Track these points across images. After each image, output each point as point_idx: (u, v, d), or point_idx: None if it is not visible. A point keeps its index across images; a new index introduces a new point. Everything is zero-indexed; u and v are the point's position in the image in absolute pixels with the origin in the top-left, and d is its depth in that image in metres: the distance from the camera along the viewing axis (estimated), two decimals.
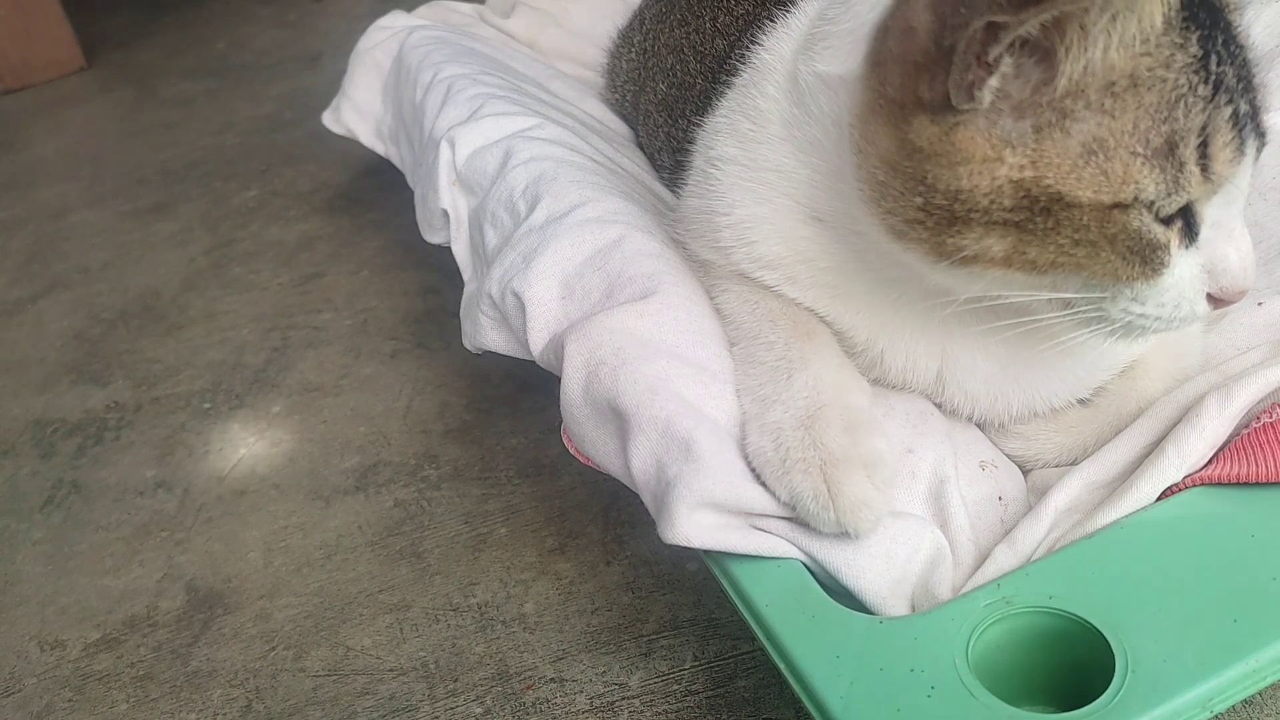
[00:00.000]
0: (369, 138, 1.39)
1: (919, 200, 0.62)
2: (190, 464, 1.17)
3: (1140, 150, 0.58)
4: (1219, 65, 0.59)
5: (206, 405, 1.26)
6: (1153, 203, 0.59)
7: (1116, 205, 0.59)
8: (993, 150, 0.59)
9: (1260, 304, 0.88)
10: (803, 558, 0.70)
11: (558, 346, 0.78)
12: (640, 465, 0.72)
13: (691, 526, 0.68)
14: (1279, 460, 0.68)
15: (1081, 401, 0.81)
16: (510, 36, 1.47)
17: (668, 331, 0.77)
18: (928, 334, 0.76)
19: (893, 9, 0.61)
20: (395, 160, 1.33)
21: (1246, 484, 0.68)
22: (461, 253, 1.03)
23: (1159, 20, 0.57)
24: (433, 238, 1.08)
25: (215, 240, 1.65)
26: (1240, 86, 0.60)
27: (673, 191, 1.06)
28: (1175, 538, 0.67)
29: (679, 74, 1.10)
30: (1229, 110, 0.59)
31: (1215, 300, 0.65)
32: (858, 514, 0.67)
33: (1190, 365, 0.81)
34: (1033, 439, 0.80)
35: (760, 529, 0.71)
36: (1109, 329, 0.65)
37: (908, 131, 0.61)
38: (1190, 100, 0.58)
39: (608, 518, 0.99)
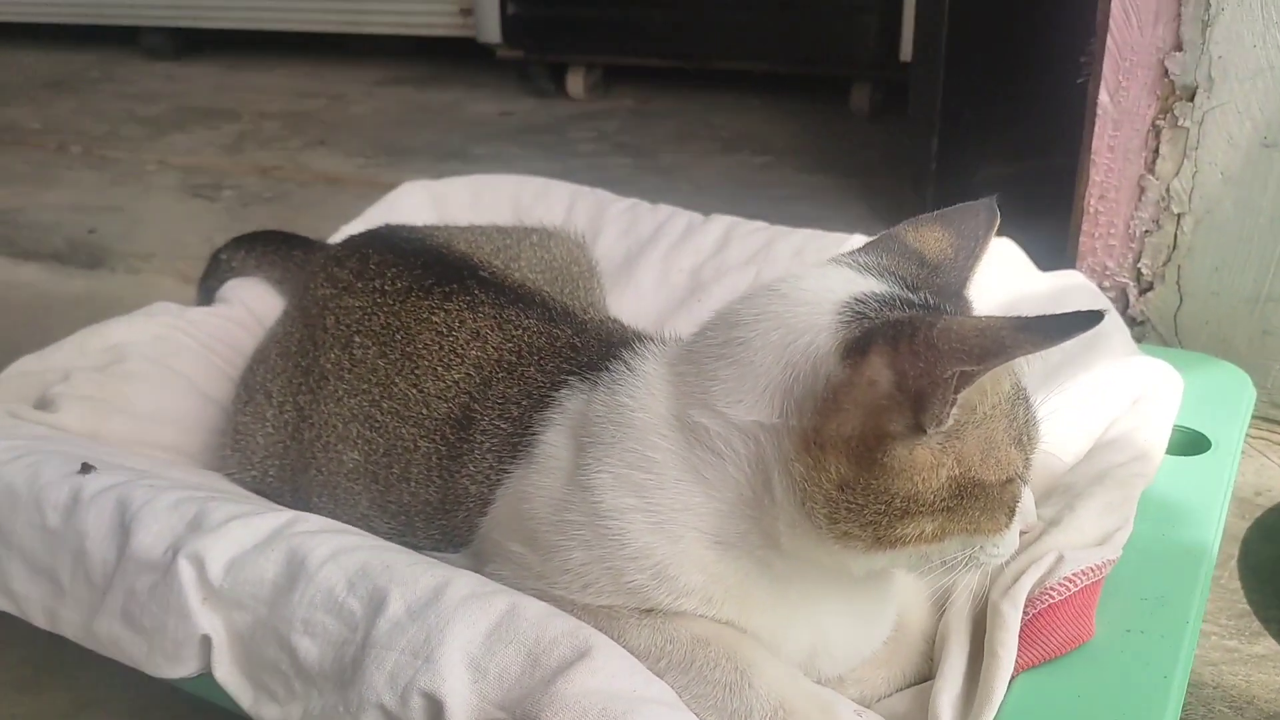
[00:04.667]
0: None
1: (879, 508, 0.78)
2: None
3: (1010, 441, 0.81)
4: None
5: None
6: (1020, 474, 0.82)
7: (1008, 480, 0.81)
8: (936, 460, 0.78)
9: None
10: None
11: None
12: None
13: None
14: (1057, 639, 0.93)
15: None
16: (63, 431, 1.29)
17: (622, 681, 0.80)
18: (809, 618, 0.89)
19: (845, 371, 0.77)
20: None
21: (1043, 663, 0.93)
22: (230, 677, 0.91)
23: (1015, 369, 0.82)
24: (176, 670, 0.93)
25: None
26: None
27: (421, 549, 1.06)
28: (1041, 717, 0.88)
29: (380, 442, 1.11)
30: (1028, 404, 0.85)
31: (1021, 533, 0.89)
32: None
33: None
34: (865, 680, 0.97)
35: None
36: (972, 569, 0.86)
37: (878, 457, 0.77)
38: (1021, 405, 0.83)
39: None
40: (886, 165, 2.76)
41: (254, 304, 1.54)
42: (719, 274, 1.61)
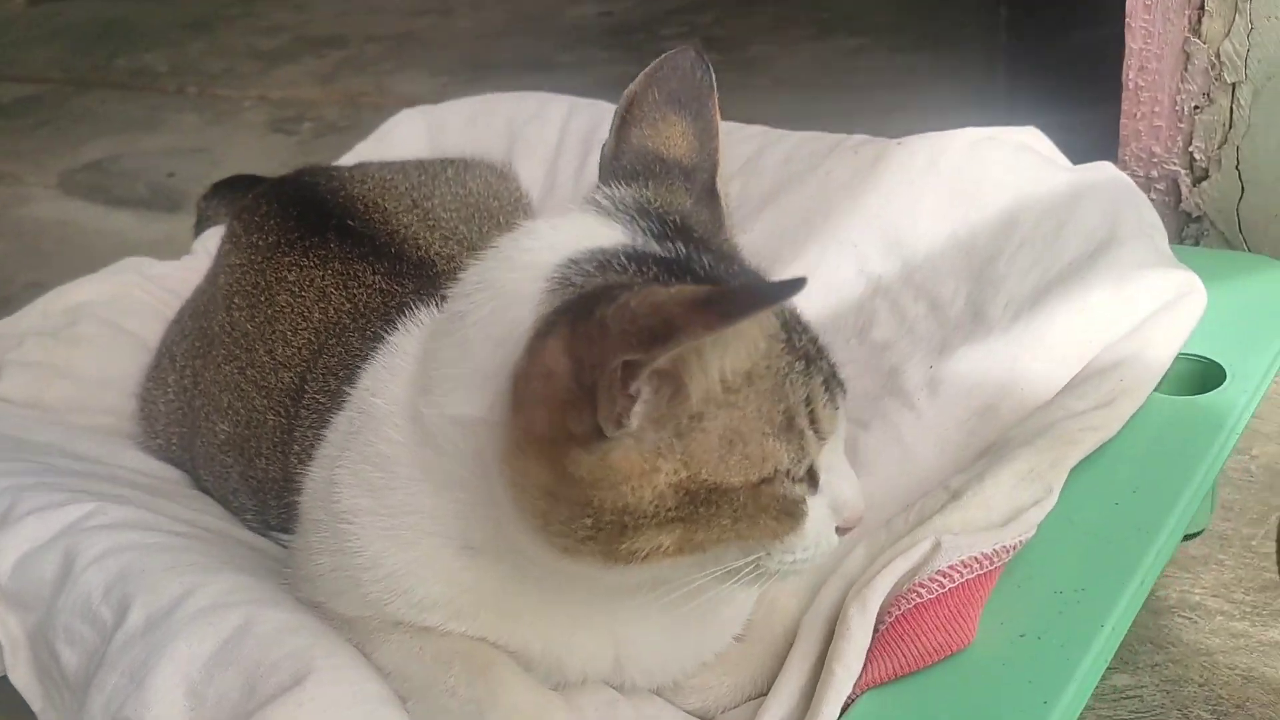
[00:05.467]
0: None
1: (589, 522, 0.64)
2: None
3: (768, 430, 0.65)
4: (800, 339, 0.67)
5: None
6: (788, 470, 0.66)
7: (762, 481, 0.65)
8: (647, 463, 0.63)
9: None
10: None
11: None
12: None
13: None
14: (917, 649, 0.76)
15: (736, 638, 0.85)
16: (4, 402, 1.31)
17: (338, 713, 0.71)
18: (597, 626, 0.77)
19: (527, 356, 0.64)
20: None
21: (899, 678, 0.76)
22: (24, 680, 0.87)
23: (762, 340, 0.64)
24: None
25: None
26: (818, 350, 0.69)
27: (267, 536, 0.99)
28: None
29: (243, 412, 1.04)
30: (820, 377, 0.67)
31: (841, 530, 0.72)
32: None
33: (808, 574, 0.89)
34: (707, 689, 0.83)
35: None
36: (770, 577, 0.70)
37: (565, 464, 0.63)
38: (792, 378, 0.66)
39: None
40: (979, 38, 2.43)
41: None
42: None
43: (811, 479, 0.69)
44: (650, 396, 0.62)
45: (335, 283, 1.02)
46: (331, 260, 1.03)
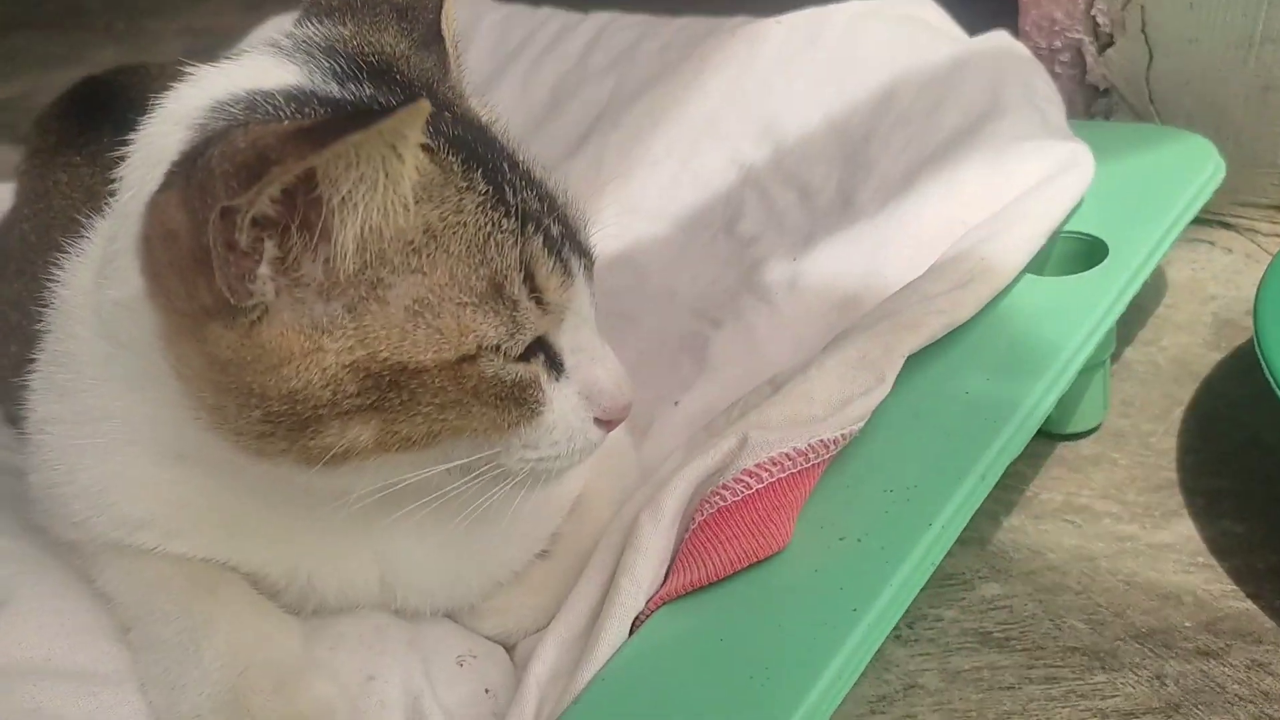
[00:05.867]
0: None
1: (258, 414, 0.54)
2: None
3: (466, 299, 0.55)
4: (516, 195, 0.57)
5: None
6: (499, 346, 0.56)
7: (463, 359, 0.55)
8: (310, 341, 0.53)
9: (676, 403, 0.90)
10: None
11: None
12: None
13: None
14: (719, 558, 0.67)
15: (541, 555, 0.76)
16: None
17: (31, 646, 0.62)
18: (354, 542, 0.67)
19: (149, 215, 0.54)
20: None
21: (701, 588, 0.67)
22: None
23: (410, 178, 0.54)
24: None
25: None
26: (546, 209, 0.59)
27: None
28: (654, 670, 0.63)
29: (29, 331, 0.95)
30: (541, 238, 0.57)
31: (604, 423, 0.62)
32: None
33: (631, 482, 0.80)
34: (506, 611, 0.74)
35: None
36: (518, 481, 0.61)
37: (205, 344, 0.54)
38: (499, 237, 0.56)
39: None
40: None
41: None
42: (579, 85, 1.33)
43: (552, 363, 0.60)
44: (278, 253, 0.53)
45: (103, 182, 0.92)
46: (101, 157, 0.93)
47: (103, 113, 1.00)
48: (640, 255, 1.09)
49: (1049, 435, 0.96)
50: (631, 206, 1.13)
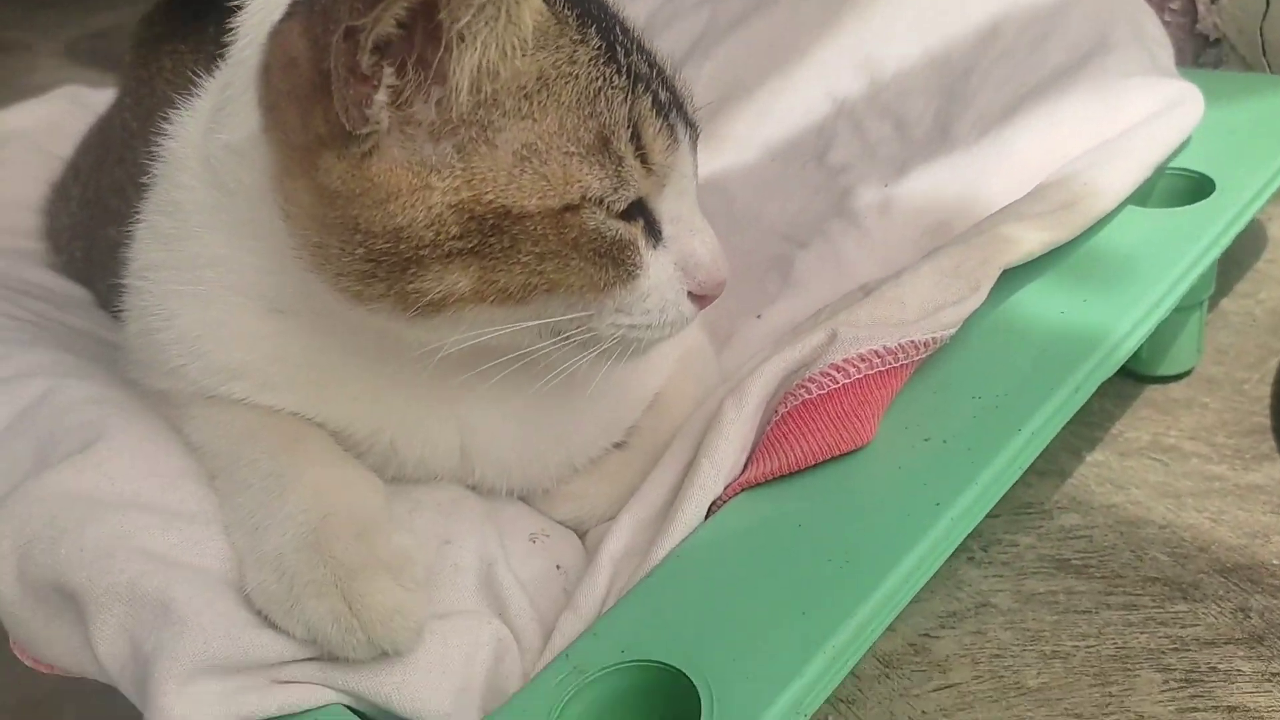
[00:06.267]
0: None
1: (361, 252, 0.55)
2: None
3: (573, 149, 0.55)
4: (627, 56, 0.57)
5: None
6: (602, 199, 0.56)
7: (566, 208, 0.55)
8: (418, 179, 0.54)
9: (759, 316, 0.89)
10: (344, 699, 0.58)
11: None
12: (109, 650, 0.57)
13: (187, 704, 0.54)
14: (801, 448, 0.66)
15: (618, 446, 0.76)
16: None
17: (123, 481, 0.63)
18: (437, 409, 0.67)
19: (269, 44, 0.55)
20: None
21: (782, 477, 0.66)
22: None
23: (529, 21, 0.54)
24: None
25: None
26: (655, 75, 0.59)
27: None
28: (730, 551, 0.63)
29: (127, 216, 0.97)
30: (650, 99, 0.57)
31: (698, 298, 0.62)
32: (391, 625, 0.56)
33: (711, 385, 0.79)
34: (580, 497, 0.74)
35: (286, 681, 0.58)
36: (604, 348, 0.61)
37: (317, 176, 0.54)
38: (609, 93, 0.56)
39: None
40: None
41: None
42: (672, 18, 1.32)
43: (651, 229, 0.59)
44: (396, 83, 0.53)
45: (207, 68, 0.93)
46: (207, 45, 0.94)
47: (208, 5, 1.01)
48: (728, 181, 1.08)
49: (1138, 376, 0.94)
50: (719, 134, 1.12)
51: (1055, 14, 1.04)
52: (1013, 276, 0.78)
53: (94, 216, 1.06)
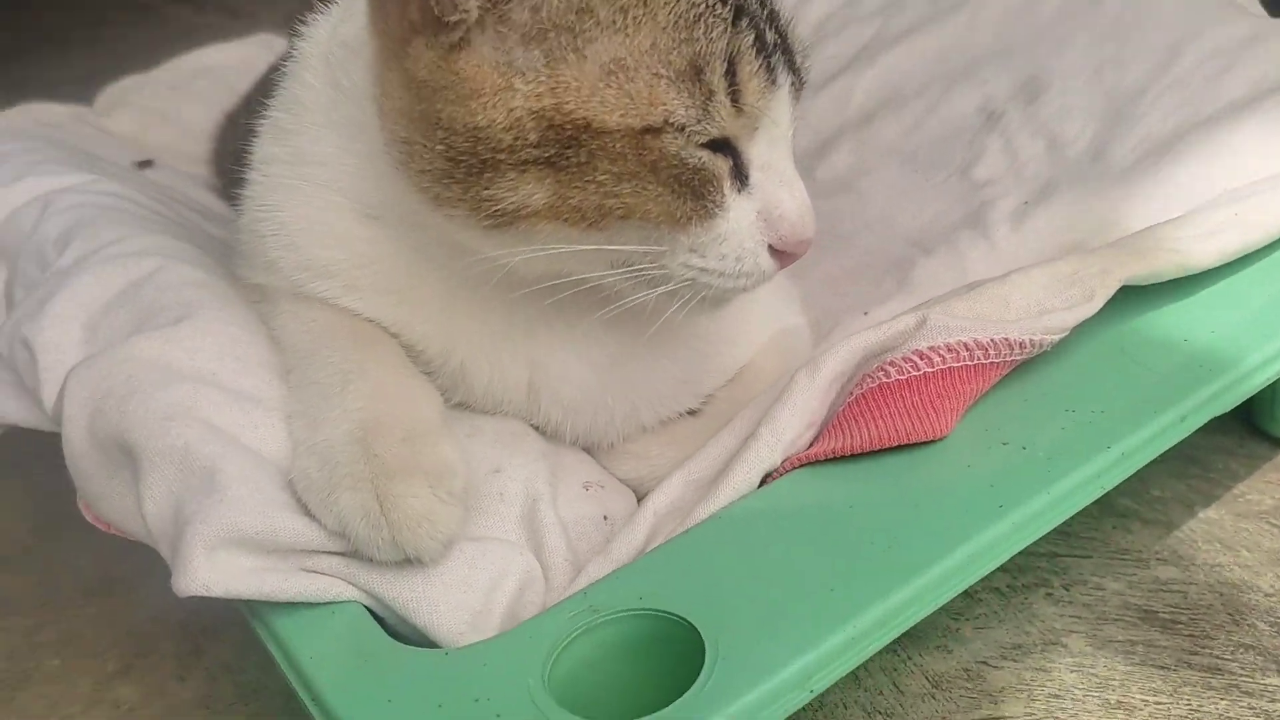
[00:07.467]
0: None
1: (441, 149, 0.56)
2: None
3: (663, 71, 0.54)
4: None
5: None
6: (684, 127, 0.55)
7: (647, 129, 0.54)
8: (502, 79, 0.54)
9: (866, 312, 0.86)
10: (364, 599, 0.58)
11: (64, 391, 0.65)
12: (155, 509, 0.59)
13: (211, 570, 0.55)
14: (869, 431, 0.63)
15: (692, 413, 0.74)
16: (110, 135, 1.34)
17: (204, 358, 0.65)
18: (512, 339, 0.68)
19: None
20: None
21: (845, 458, 0.63)
22: None
23: None
24: None
25: None
26: (766, 15, 0.58)
27: None
28: (772, 521, 0.60)
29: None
30: (753, 36, 0.56)
31: (779, 254, 0.60)
32: (417, 531, 0.57)
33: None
34: (644, 456, 0.73)
35: (311, 570, 0.59)
36: (673, 288, 0.59)
37: (407, 63, 0.55)
38: (710, 20, 0.55)
39: (186, 628, 0.83)
40: None
41: None
42: (844, 25, 1.30)
43: (738, 172, 0.58)
44: None
45: None
46: None
47: None
48: (866, 184, 1.05)
49: (1275, 440, 0.87)
50: (867, 140, 1.10)
51: (1242, 48, 0.97)
52: (1140, 296, 0.73)
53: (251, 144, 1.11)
